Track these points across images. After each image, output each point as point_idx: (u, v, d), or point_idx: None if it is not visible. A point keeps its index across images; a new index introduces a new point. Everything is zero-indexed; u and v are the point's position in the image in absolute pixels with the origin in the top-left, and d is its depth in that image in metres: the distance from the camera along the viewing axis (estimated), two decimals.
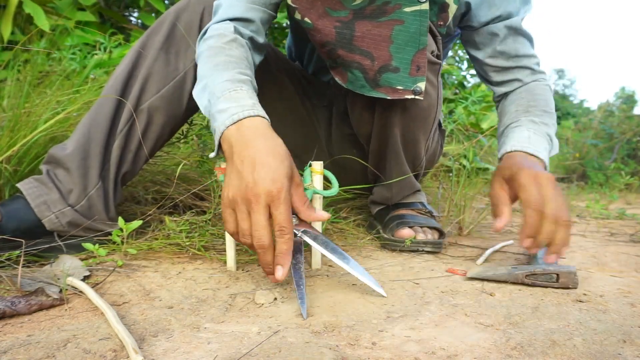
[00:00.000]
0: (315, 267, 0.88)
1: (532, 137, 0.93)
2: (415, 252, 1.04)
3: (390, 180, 1.07)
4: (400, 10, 0.82)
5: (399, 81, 0.85)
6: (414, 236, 1.03)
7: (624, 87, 6.67)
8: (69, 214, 0.86)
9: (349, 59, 0.86)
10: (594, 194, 2.25)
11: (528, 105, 0.98)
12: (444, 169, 1.96)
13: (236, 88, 0.74)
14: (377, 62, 0.84)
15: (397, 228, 1.06)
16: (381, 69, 0.84)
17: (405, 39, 0.83)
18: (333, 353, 0.53)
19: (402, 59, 0.84)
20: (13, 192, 0.93)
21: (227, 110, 0.71)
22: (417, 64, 0.84)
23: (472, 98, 2.27)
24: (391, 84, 0.85)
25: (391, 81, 0.85)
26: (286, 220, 0.64)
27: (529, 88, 1.02)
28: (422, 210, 1.12)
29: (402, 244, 1.03)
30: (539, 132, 0.94)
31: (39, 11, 1.82)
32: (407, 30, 0.83)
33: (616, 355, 0.55)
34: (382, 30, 0.83)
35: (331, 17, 0.85)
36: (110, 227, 0.90)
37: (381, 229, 1.11)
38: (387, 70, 0.84)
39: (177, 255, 0.95)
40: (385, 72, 0.84)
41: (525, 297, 0.74)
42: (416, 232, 1.05)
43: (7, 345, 0.53)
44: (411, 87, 0.84)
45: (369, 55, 0.84)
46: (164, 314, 0.64)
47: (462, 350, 0.55)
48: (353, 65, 0.86)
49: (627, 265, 1.00)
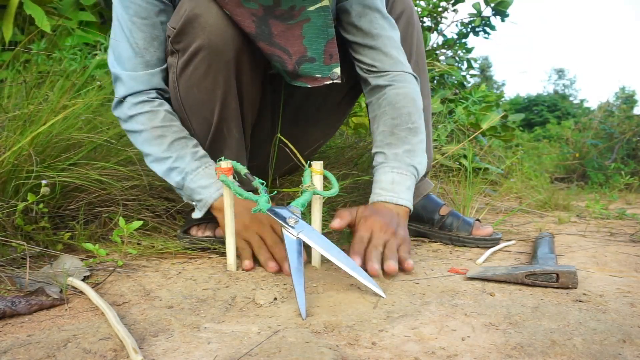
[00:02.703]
0: (315, 267, 0.88)
1: (395, 179, 0.97)
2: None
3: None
4: (306, 11, 0.91)
5: (316, 70, 0.95)
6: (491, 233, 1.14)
7: (624, 87, 6.67)
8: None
9: (270, 52, 0.92)
10: (594, 194, 2.25)
11: (393, 125, 1.00)
12: (444, 169, 1.96)
13: (205, 165, 0.93)
14: (295, 56, 0.93)
15: (474, 226, 1.14)
16: (299, 60, 0.94)
17: (315, 32, 0.92)
18: (333, 353, 0.53)
19: (315, 50, 0.93)
20: (13, 190, 0.93)
21: (210, 186, 0.92)
22: (329, 53, 0.94)
23: (472, 98, 2.26)
24: (310, 73, 0.95)
25: (310, 71, 0.95)
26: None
27: (392, 101, 1.02)
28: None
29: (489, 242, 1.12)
30: (403, 169, 0.98)
31: (39, 12, 1.81)
32: (315, 25, 0.92)
33: (616, 355, 0.55)
34: (294, 31, 0.92)
35: (245, 9, 0.88)
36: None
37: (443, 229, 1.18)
38: (304, 60, 0.94)
39: (177, 255, 0.95)
40: (303, 62, 0.94)
41: (525, 297, 0.74)
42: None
43: (7, 345, 0.53)
44: (328, 74, 0.95)
45: (286, 51, 0.93)
46: (164, 314, 0.64)
47: (462, 350, 0.55)
48: (274, 58, 0.93)
49: (627, 265, 1.00)
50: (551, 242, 1.06)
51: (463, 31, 2.77)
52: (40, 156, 0.97)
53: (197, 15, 0.87)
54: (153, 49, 0.95)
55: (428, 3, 2.69)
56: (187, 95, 0.94)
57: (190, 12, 0.87)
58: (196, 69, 0.91)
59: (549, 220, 1.70)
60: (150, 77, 0.95)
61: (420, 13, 2.68)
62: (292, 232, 0.73)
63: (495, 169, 2.23)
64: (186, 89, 0.94)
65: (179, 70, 0.93)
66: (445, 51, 2.89)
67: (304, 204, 0.78)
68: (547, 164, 4.43)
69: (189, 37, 0.88)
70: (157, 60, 0.96)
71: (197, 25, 0.87)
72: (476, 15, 2.62)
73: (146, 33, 0.93)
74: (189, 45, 0.89)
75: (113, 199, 1.06)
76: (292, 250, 0.71)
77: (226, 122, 0.97)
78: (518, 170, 2.67)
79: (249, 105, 1.02)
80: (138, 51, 0.93)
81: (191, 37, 0.88)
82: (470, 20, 2.68)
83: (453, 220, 1.16)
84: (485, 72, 13.45)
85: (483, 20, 2.63)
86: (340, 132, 2.00)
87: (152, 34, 0.94)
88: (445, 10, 2.69)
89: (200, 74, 0.91)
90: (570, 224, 1.62)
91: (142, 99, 0.94)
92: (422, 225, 1.20)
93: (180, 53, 0.91)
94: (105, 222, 1.05)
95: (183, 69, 0.92)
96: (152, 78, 0.95)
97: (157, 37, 0.95)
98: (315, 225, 0.85)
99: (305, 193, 0.79)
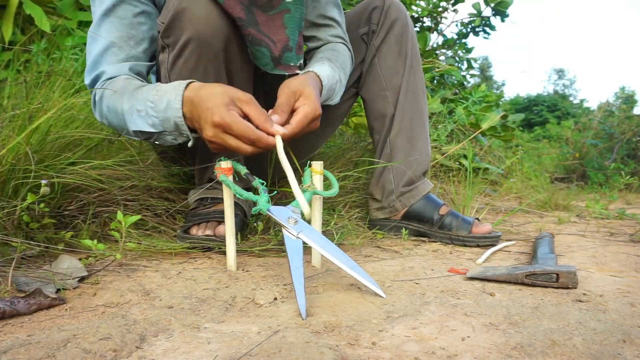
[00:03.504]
0: (315, 267, 0.88)
1: (329, 68, 1.04)
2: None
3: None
4: (284, 2, 0.98)
5: (292, 59, 1.02)
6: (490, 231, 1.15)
7: (624, 87, 6.66)
8: None
9: (259, 38, 0.96)
10: (594, 194, 2.25)
11: (331, 57, 1.09)
12: (444, 169, 1.96)
13: (156, 89, 0.88)
14: (279, 44, 0.99)
15: (472, 224, 1.15)
16: (284, 49, 1.00)
17: (294, 24, 1.00)
18: (333, 353, 0.53)
19: (293, 40, 1.01)
20: (12, 190, 0.93)
21: (172, 101, 0.85)
22: (299, 43, 1.02)
23: (472, 98, 2.26)
24: (288, 62, 1.01)
25: (289, 60, 1.01)
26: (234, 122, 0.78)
27: (334, 47, 1.13)
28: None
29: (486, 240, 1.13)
30: (337, 70, 1.06)
31: (39, 12, 1.81)
32: (294, 17, 1.00)
33: (616, 355, 0.55)
34: (276, 21, 0.98)
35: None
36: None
37: (445, 229, 1.18)
38: (287, 49, 1.00)
39: (177, 255, 0.95)
40: (286, 51, 1.00)
41: (525, 297, 0.74)
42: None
43: (7, 345, 0.53)
44: (297, 64, 1.02)
45: (272, 39, 0.98)
46: (164, 314, 0.64)
47: (462, 350, 0.55)
48: (262, 43, 0.97)
49: (627, 265, 1.00)
50: (551, 242, 1.06)
51: (463, 31, 2.78)
52: (39, 155, 0.96)
53: (185, 9, 0.88)
54: (128, 47, 0.97)
55: (428, 3, 2.69)
56: None
57: (178, 5, 0.88)
58: (186, 62, 0.92)
59: (549, 220, 1.70)
60: (121, 67, 0.96)
61: (420, 13, 2.68)
62: (292, 232, 0.73)
63: (495, 169, 2.23)
64: None
65: (169, 65, 0.95)
66: (445, 51, 2.89)
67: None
68: (547, 164, 4.43)
69: (178, 30, 0.90)
70: (132, 57, 0.98)
71: (185, 18, 0.89)
72: (476, 15, 2.63)
73: (122, 32, 0.96)
74: (178, 38, 0.91)
75: (113, 199, 1.06)
76: (292, 250, 0.71)
77: None
78: (518, 170, 2.67)
79: None
80: (111, 48, 0.96)
81: (180, 30, 0.90)
82: (470, 20, 2.69)
83: (452, 219, 1.16)
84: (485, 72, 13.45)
85: (483, 20, 2.63)
86: (341, 132, 2.00)
87: (128, 34, 0.97)
88: (445, 10, 2.69)
89: (190, 66, 0.92)
90: (570, 224, 1.62)
91: (106, 78, 0.96)
92: (422, 225, 1.20)
93: (170, 48, 0.93)
94: (105, 222, 1.05)
95: (174, 62, 0.93)
96: (123, 67, 0.96)
97: (134, 37, 0.97)
98: (315, 225, 0.85)
99: (305, 193, 0.79)
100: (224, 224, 0.90)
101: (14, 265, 0.75)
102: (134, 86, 0.92)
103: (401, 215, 1.23)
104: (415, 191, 1.22)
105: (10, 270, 0.73)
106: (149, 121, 0.89)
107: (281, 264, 0.92)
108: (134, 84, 0.92)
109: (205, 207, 1.06)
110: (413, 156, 1.22)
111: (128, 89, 0.91)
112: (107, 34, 0.96)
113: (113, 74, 0.96)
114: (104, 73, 0.96)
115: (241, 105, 0.81)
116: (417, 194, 1.22)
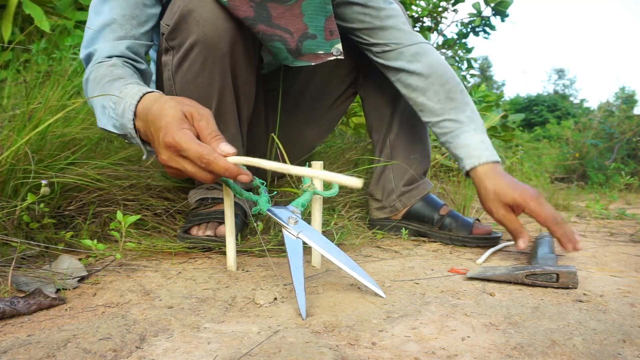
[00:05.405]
0: (315, 267, 0.88)
1: (484, 139, 1.02)
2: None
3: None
4: None
5: (318, 46, 0.97)
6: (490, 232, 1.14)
7: (624, 87, 6.66)
8: None
9: (270, 33, 0.93)
10: (594, 194, 2.25)
11: (446, 90, 1.04)
12: (444, 169, 1.96)
13: (124, 85, 0.81)
14: (296, 34, 0.95)
15: (473, 225, 1.14)
16: (301, 38, 0.95)
17: (314, 10, 0.95)
18: (333, 353, 0.53)
19: (316, 27, 0.96)
20: (12, 190, 0.93)
21: (126, 110, 0.77)
22: (329, 29, 0.97)
23: (472, 98, 2.26)
24: (313, 50, 0.97)
25: (312, 47, 0.96)
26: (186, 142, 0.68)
27: (431, 70, 1.05)
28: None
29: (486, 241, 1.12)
30: (480, 128, 1.04)
31: (38, 11, 1.81)
32: (313, 2, 0.95)
33: (616, 355, 0.55)
34: (294, 10, 0.94)
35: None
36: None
37: (444, 230, 1.17)
38: (306, 37, 0.95)
39: (177, 255, 0.95)
40: (305, 39, 0.95)
41: (525, 297, 0.74)
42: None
43: (7, 345, 0.53)
44: (330, 50, 0.97)
45: (288, 30, 0.94)
46: (164, 314, 0.64)
47: (462, 350, 0.55)
48: (275, 38, 0.93)
49: (627, 265, 1.00)
50: (551, 242, 1.06)
51: (463, 31, 2.77)
52: (39, 155, 0.96)
53: (191, 10, 0.87)
54: (130, 26, 0.93)
55: (428, 3, 2.68)
56: (183, 93, 0.93)
57: (184, 7, 0.87)
58: (192, 65, 0.90)
59: None
60: (116, 45, 0.92)
61: (420, 13, 2.68)
62: (292, 232, 0.73)
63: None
64: (182, 86, 0.93)
65: (174, 68, 0.93)
66: (445, 51, 2.89)
67: (304, 204, 0.78)
68: (547, 164, 4.43)
69: (184, 32, 0.88)
70: (131, 36, 0.93)
71: (192, 20, 0.87)
72: (476, 15, 2.62)
73: (126, 10, 0.92)
74: (184, 41, 0.89)
75: (113, 198, 1.06)
76: (292, 250, 0.71)
77: (223, 117, 0.97)
78: (518, 170, 2.67)
79: (245, 100, 1.02)
80: (112, 25, 0.92)
81: (186, 33, 0.88)
82: (470, 20, 2.68)
83: (452, 220, 1.16)
84: (485, 72, 13.45)
85: (483, 20, 2.63)
86: (341, 132, 2.00)
87: (132, 13, 0.93)
88: (445, 10, 2.69)
89: (196, 69, 0.91)
90: (570, 224, 1.61)
91: (98, 61, 0.90)
92: (422, 225, 1.20)
93: (175, 50, 0.91)
94: (105, 222, 1.05)
95: (179, 65, 0.92)
96: (119, 45, 0.92)
97: (137, 17, 0.94)
98: (315, 225, 0.85)
99: (305, 193, 0.79)
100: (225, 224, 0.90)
101: (14, 265, 0.75)
102: (110, 77, 0.85)
103: (401, 215, 1.23)
104: (416, 191, 1.22)
105: (10, 270, 0.73)
106: (111, 122, 0.83)
107: (281, 264, 0.92)
108: (113, 74, 0.85)
109: (206, 207, 1.06)
110: (413, 156, 1.22)
111: (103, 80, 0.85)
112: (110, 10, 0.92)
113: (107, 53, 0.91)
114: (97, 51, 0.91)
115: (194, 122, 0.71)
116: (417, 193, 1.22)
